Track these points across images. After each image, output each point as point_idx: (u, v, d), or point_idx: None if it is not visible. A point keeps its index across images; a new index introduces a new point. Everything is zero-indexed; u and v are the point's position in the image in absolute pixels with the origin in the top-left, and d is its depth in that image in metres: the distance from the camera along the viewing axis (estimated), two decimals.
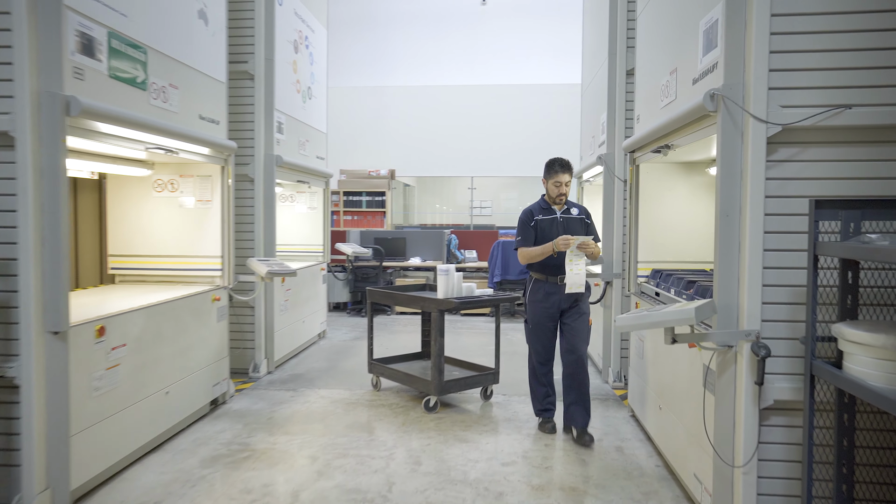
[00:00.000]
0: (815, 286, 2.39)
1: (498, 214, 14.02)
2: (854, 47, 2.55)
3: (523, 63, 11.68)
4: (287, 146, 6.06)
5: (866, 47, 2.54)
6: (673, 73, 3.47)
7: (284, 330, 6.05)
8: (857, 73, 2.55)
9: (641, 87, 4.33)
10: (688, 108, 2.97)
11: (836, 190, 2.61)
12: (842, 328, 2.27)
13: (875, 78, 2.54)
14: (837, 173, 2.61)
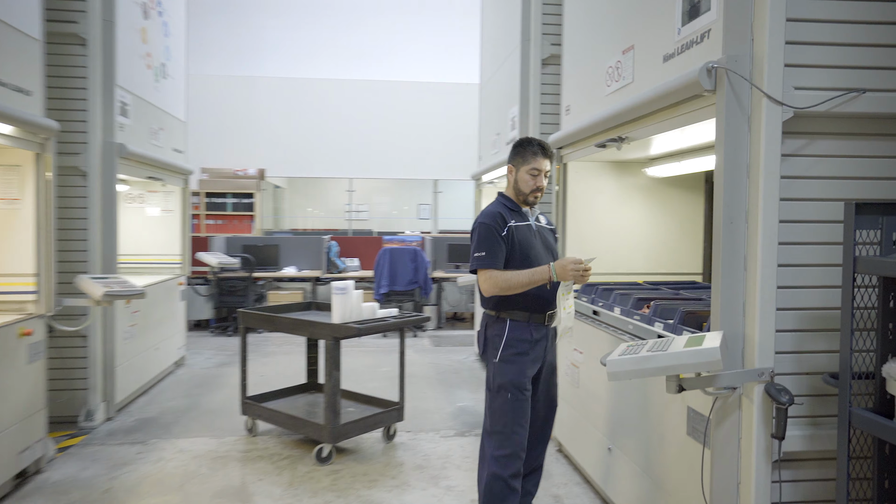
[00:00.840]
0: (852, 313, 1.88)
1: (375, 219, 13.24)
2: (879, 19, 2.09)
3: (408, 60, 10.99)
4: (134, 133, 4.86)
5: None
6: (627, 51, 2.90)
7: (130, 362, 4.83)
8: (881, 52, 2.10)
9: (572, 74, 3.77)
10: (663, 89, 2.40)
11: (858, 192, 2.14)
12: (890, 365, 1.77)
13: None
14: (862, 171, 2.14)
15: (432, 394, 5.34)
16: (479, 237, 2.64)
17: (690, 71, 2.18)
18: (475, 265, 2.62)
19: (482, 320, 2.78)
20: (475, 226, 2.68)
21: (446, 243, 9.13)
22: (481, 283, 2.61)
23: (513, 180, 2.76)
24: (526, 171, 2.71)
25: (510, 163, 2.76)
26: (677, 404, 2.45)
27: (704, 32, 2.24)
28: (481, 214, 2.70)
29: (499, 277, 2.58)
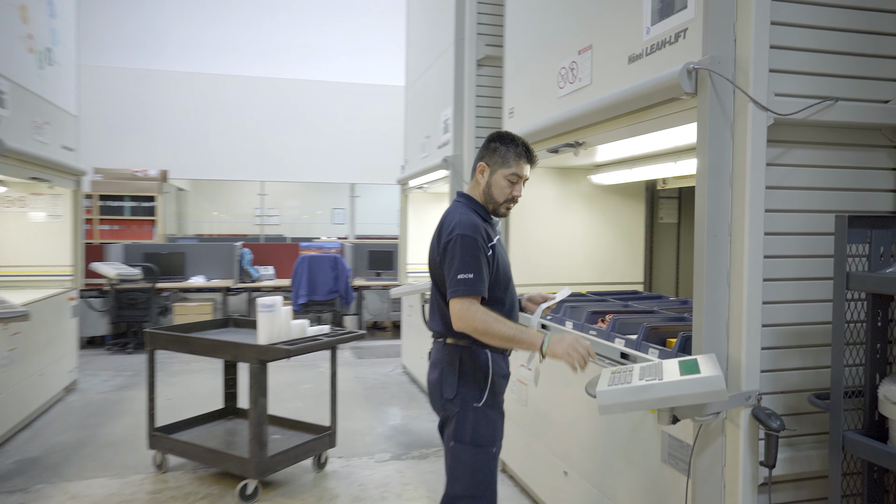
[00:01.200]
0: (844, 333, 1.78)
1: (286, 224, 12.64)
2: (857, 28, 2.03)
3: (323, 59, 10.52)
4: (13, 127, 4.21)
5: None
6: (584, 51, 2.74)
7: (9, 392, 4.17)
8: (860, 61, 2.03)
9: (516, 75, 3.59)
10: (633, 92, 2.25)
11: (833, 203, 2.06)
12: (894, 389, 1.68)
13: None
14: (837, 182, 2.07)
15: (361, 412, 5.01)
16: (462, 253, 2.05)
17: (669, 73, 2.02)
18: (460, 290, 2.01)
19: (439, 353, 2.20)
20: (454, 237, 2.07)
21: (367, 250, 8.79)
22: (456, 312, 2.02)
23: (484, 183, 2.22)
24: (504, 176, 2.20)
25: (483, 160, 2.22)
26: (648, 428, 2.29)
27: (679, 32, 2.09)
28: (458, 224, 2.10)
29: (481, 316, 2.01)
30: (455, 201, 2.32)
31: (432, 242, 2.25)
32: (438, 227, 2.23)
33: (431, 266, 2.24)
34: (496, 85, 4.59)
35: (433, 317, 2.27)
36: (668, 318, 2.80)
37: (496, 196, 2.23)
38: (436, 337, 2.27)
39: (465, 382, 2.18)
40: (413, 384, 5.93)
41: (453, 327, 2.08)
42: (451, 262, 2.07)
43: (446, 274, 2.08)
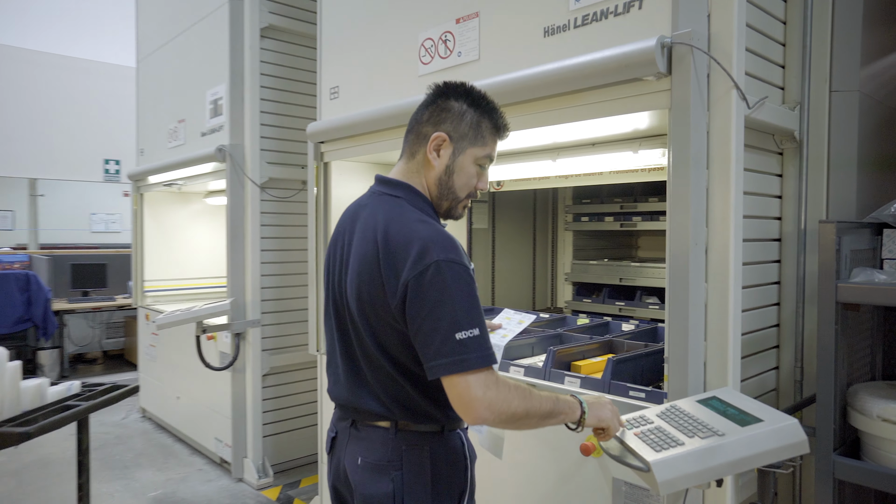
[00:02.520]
0: (833, 348, 1.62)
1: None
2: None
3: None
4: None
5: None
6: (467, 20, 2.25)
7: None
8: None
9: (342, 49, 2.90)
10: (565, 71, 1.84)
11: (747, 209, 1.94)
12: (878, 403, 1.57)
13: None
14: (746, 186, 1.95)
15: (101, 486, 3.69)
16: (457, 295, 1.26)
17: (636, 47, 1.66)
18: (471, 359, 1.23)
19: (385, 449, 1.41)
20: (431, 267, 1.27)
21: (68, 263, 6.87)
22: (475, 398, 1.23)
23: (441, 166, 1.45)
24: (475, 159, 1.46)
25: (442, 129, 1.44)
26: (590, 473, 1.90)
27: (631, 1, 1.75)
28: (432, 242, 1.29)
29: (515, 396, 1.27)
30: (385, 196, 1.46)
31: (353, 261, 1.41)
32: (371, 240, 1.37)
33: (357, 300, 1.39)
34: (281, 63, 3.81)
35: (358, 385, 1.44)
36: (555, 337, 2.48)
37: (458, 188, 1.47)
38: (366, 419, 1.45)
39: (440, 491, 1.42)
40: (161, 431, 4.68)
41: (466, 420, 1.27)
42: (435, 309, 1.26)
43: (419, 328, 1.27)
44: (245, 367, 3.65)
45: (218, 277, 5.07)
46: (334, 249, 1.53)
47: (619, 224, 3.97)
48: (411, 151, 1.49)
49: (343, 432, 1.49)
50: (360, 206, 1.50)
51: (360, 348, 1.43)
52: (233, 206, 3.63)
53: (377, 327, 1.37)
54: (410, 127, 1.50)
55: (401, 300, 1.29)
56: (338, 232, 1.54)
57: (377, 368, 1.40)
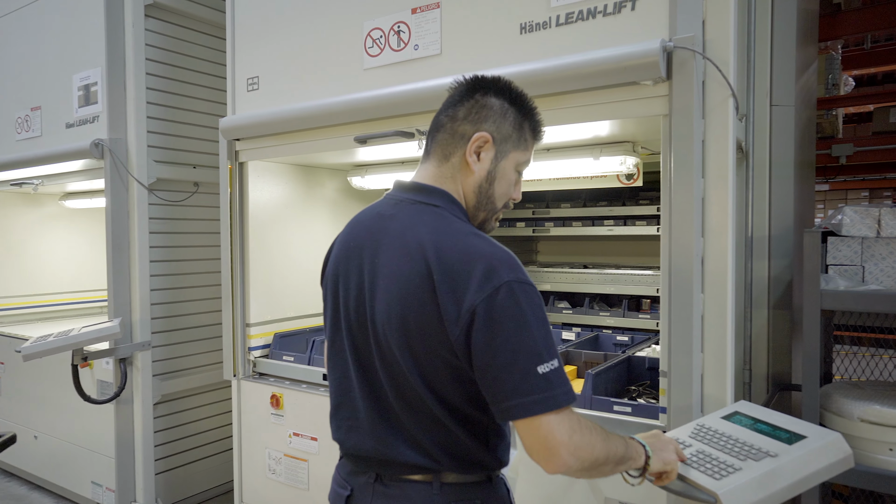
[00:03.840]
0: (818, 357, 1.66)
1: None
2: None
3: None
4: None
5: None
6: (424, 10, 2.06)
7: None
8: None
9: (264, 34, 2.57)
10: (553, 70, 1.74)
11: None
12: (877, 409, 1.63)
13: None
14: None
15: None
16: (534, 322, 1.09)
17: (636, 49, 1.59)
18: (555, 396, 1.06)
19: (426, 501, 1.20)
20: (501, 290, 1.08)
21: None
22: (560, 443, 1.05)
23: (484, 172, 1.26)
24: (517, 164, 1.31)
25: (487, 130, 1.24)
26: (579, 494, 1.81)
27: (625, 1, 1.69)
28: (497, 260, 1.11)
29: (598, 438, 1.11)
30: (420, 205, 1.24)
31: (387, 284, 1.18)
32: (416, 258, 1.15)
33: (399, 330, 1.16)
34: (172, 48, 3.35)
35: (388, 432, 1.22)
36: None
37: (497, 197, 1.29)
38: (399, 473, 1.22)
39: None
40: (9, 480, 3.94)
41: (547, 469, 1.08)
42: (511, 339, 1.07)
43: (491, 362, 1.08)
44: (133, 396, 3.14)
45: (83, 292, 4.39)
46: (345, 269, 1.28)
47: (532, 230, 3.98)
48: (444, 153, 1.27)
49: (363, 490, 1.25)
50: (382, 217, 1.26)
51: (393, 388, 1.20)
52: (115, 210, 3.11)
53: (425, 362, 1.15)
54: (441, 124, 1.28)
55: (465, 329, 1.09)
56: (348, 248, 1.29)
57: (418, 411, 1.18)
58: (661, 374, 1.67)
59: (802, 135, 2.52)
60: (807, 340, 1.66)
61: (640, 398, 2.03)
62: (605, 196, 3.63)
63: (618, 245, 4.09)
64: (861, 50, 5.86)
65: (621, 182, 2.51)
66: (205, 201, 3.47)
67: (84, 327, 2.84)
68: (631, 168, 2.23)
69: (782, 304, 2.28)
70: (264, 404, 2.56)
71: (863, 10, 4.37)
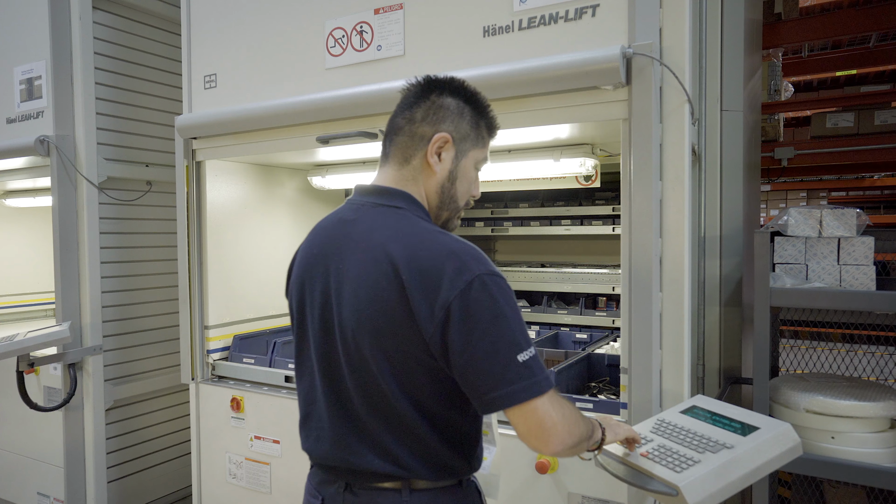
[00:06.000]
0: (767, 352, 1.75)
1: None
2: None
3: None
4: None
5: None
6: (387, 11, 2.07)
7: None
8: None
9: (221, 31, 2.52)
10: (517, 74, 1.77)
11: None
12: (821, 399, 1.72)
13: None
14: None
15: None
16: (511, 314, 1.12)
17: (597, 54, 1.64)
18: (538, 382, 1.10)
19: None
20: (474, 283, 1.10)
21: None
22: (549, 426, 1.10)
23: (445, 172, 1.29)
24: (476, 162, 1.35)
25: (446, 130, 1.27)
26: (544, 490, 1.84)
27: (586, 8, 1.73)
28: (468, 255, 1.14)
29: (578, 418, 1.17)
30: (383, 207, 1.25)
31: (355, 289, 1.18)
32: (383, 260, 1.16)
33: (371, 335, 1.16)
34: (122, 42, 3.25)
35: (355, 439, 1.22)
36: None
37: (460, 196, 1.32)
38: (367, 481, 1.22)
39: None
40: None
41: (546, 451, 1.13)
42: (489, 331, 1.09)
43: (472, 356, 1.09)
44: (83, 403, 3.04)
45: (25, 294, 4.20)
46: (310, 277, 1.27)
47: (491, 229, 4.02)
48: (404, 156, 1.29)
49: (333, 499, 1.26)
50: (344, 223, 1.26)
51: (362, 395, 1.20)
52: (62, 210, 3.00)
53: (400, 366, 1.16)
54: (398, 127, 1.30)
55: (440, 326, 1.10)
56: (311, 256, 1.29)
57: (389, 417, 1.19)
58: (622, 370, 1.72)
59: (750, 138, 2.63)
60: (757, 336, 1.74)
61: (600, 394, 2.09)
62: (562, 196, 3.70)
63: (574, 244, 4.18)
64: (799, 58, 6.16)
65: (580, 183, 2.57)
66: (158, 200, 3.38)
67: (30, 332, 2.73)
68: (590, 170, 2.29)
69: (733, 302, 2.38)
70: (224, 408, 2.52)
71: (801, 20, 4.58)
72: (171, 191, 3.42)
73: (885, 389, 1.79)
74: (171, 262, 3.37)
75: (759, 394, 1.74)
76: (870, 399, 1.69)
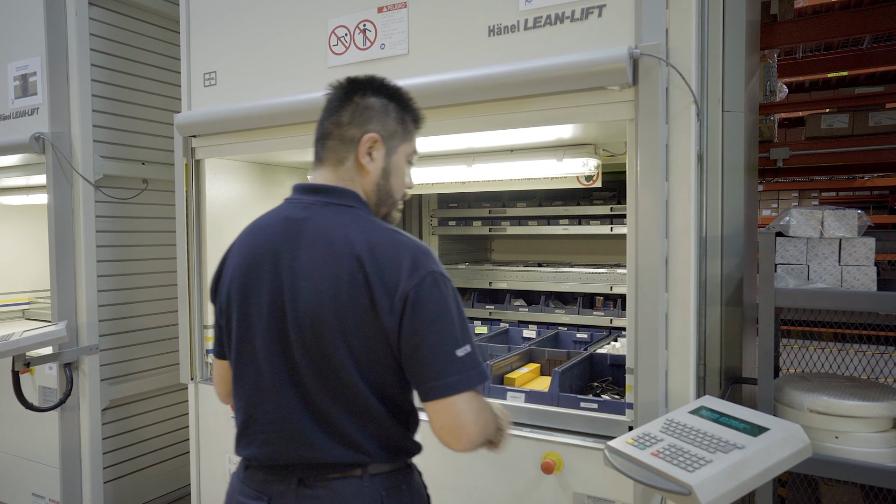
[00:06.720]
0: (772, 353, 1.75)
1: None
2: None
3: None
4: None
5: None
6: (391, 10, 2.06)
7: None
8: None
9: (222, 28, 2.50)
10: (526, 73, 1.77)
11: None
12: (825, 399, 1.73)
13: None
14: None
15: None
16: (456, 309, 1.21)
17: (604, 54, 1.63)
18: (470, 377, 1.18)
19: (358, 496, 1.24)
20: (426, 280, 1.18)
21: None
22: (468, 421, 1.18)
23: (378, 170, 1.33)
24: (407, 156, 1.39)
25: (374, 130, 1.31)
26: (548, 491, 1.84)
27: (592, 8, 1.73)
28: (421, 253, 1.22)
29: (489, 416, 1.27)
30: (334, 206, 1.29)
31: (316, 284, 1.21)
32: (345, 256, 1.20)
33: (336, 327, 1.20)
34: (118, 39, 3.22)
35: (318, 432, 1.24)
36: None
37: (396, 190, 1.39)
38: (327, 473, 1.25)
39: None
40: None
41: (455, 448, 1.20)
42: (436, 323, 1.17)
43: (420, 344, 1.17)
44: (79, 403, 3.01)
45: (16, 293, 4.16)
46: (255, 275, 1.29)
47: (488, 228, 4.02)
48: (337, 158, 1.33)
49: (284, 496, 1.26)
50: (293, 221, 1.29)
51: (324, 388, 1.23)
52: (58, 208, 2.97)
53: (363, 356, 1.21)
54: (327, 131, 1.34)
55: (399, 316, 1.17)
56: (254, 255, 1.30)
57: (353, 407, 1.23)
58: (628, 370, 1.72)
59: (749, 139, 2.64)
60: (762, 336, 1.75)
61: (604, 394, 2.09)
62: (559, 196, 3.71)
63: (571, 244, 4.18)
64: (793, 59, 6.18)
65: (581, 183, 2.57)
66: (155, 199, 3.35)
67: (26, 331, 2.70)
68: (592, 170, 2.29)
69: (733, 302, 2.39)
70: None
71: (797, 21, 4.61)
72: (166, 189, 3.41)
73: (887, 389, 1.80)
74: (167, 261, 3.35)
75: (764, 394, 1.74)
76: (873, 399, 1.70)
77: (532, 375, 2.28)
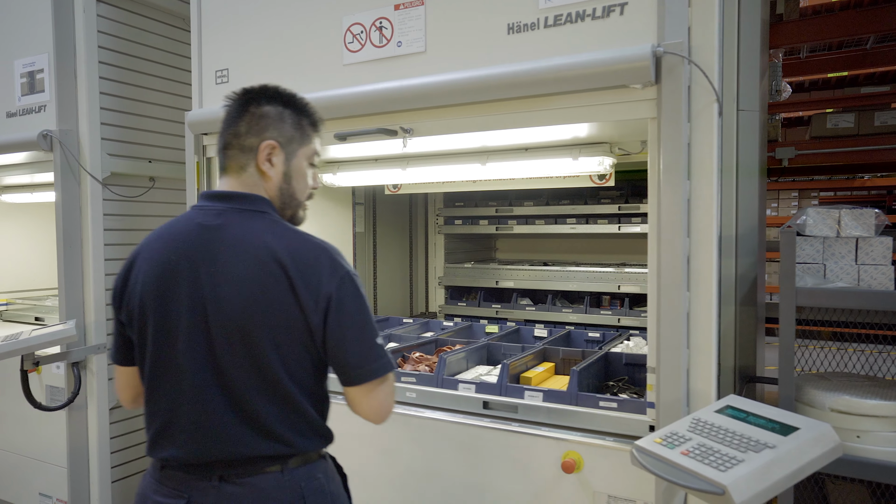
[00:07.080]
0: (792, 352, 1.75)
1: None
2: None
3: None
4: None
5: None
6: (408, 7, 2.05)
7: None
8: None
9: (234, 24, 2.48)
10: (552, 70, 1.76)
11: None
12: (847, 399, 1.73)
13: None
14: None
15: None
16: (366, 302, 1.35)
17: (627, 52, 1.63)
18: (385, 363, 1.34)
19: (279, 489, 1.30)
20: (345, 280, 1.31)
21: None
22: (385, 402, 1.36)
23: (279, 175, 1.40)
24: (307, 159, 1.46)
25: (271, 138, 1.38)
26: (567, 490, 1.84)
27: (614, 6, 1.72)
28: (337, 255, 1.33)
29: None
30: (248, 212, 1.35)
31: (239, 288, 1.28)
32: (267, 260, 1.28)
33: (264, 327, 1.28)
34: (126, 36, 3.20)
35: (242, 429, 1.30)
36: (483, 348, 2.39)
37: (299, 193, 1.45)
38: (249, 469, 1.32)
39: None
40: None
41: (377, 422, 1.37)
42: (357, 317, 1.32)
43: (343, 337, 1.30)
44: (87, 402, 2.99)
45: (21, 292, 4.13)
46: (171, 282, 1.32)
47: (495, 227, 4.01)
48: (239, 166, 1.39)
49: (204, 494, 1.30)
50: (208, 228, 1.33)
51: (250, 385, 1.29)
52: (66, 206, 2.94)
53: (289, 353, 1.30)
54: (227, 142, 1.40)
55: (323, 314, 1.28)
56: (167, 262, 1.33)
57: (278, 401, 1.31)
58: (649, 370, 1.72)
59: (761, 138, 2.64)
60: (783, 335, 1.74)
61: (621, 394, 2.09)
62: (567, 195, 3.70)
63: (579, 243, 4.18)
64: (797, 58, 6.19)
65: (594, 182, 2.56)
66: (161, 197, 3.34)
67: (35, 330, 2.68)
68: (607, 168, 2.29)
69: (748, 301, 2.39)
70: None
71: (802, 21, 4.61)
72: (173, 187, 3.39)
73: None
74: None
75: (785, 392, 1.74)
76: (895, 398, 1.70)
77: (547, 374, 2.27)
